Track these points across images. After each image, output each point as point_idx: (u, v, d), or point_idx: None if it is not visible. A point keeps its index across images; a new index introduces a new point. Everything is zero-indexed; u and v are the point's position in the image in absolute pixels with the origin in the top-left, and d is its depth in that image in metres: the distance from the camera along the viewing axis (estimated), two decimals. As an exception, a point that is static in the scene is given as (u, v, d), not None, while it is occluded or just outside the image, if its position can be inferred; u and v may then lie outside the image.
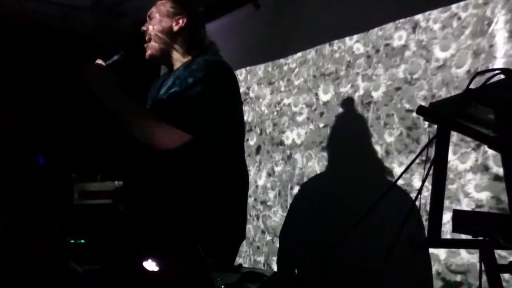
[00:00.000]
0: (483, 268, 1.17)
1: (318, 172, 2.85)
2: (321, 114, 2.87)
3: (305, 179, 2.91)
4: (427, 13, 2.41)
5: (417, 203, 1.28)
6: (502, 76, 1.18)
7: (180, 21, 2.03)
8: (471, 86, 1.20)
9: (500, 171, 2.03)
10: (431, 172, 1.23)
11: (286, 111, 3.11)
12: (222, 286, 1.29)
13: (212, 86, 1.87)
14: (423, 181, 1.26)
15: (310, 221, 2.79)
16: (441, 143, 1.23)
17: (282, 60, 3.19)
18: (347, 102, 2.73)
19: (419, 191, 1.26)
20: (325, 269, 2.51)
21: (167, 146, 1.84)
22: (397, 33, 2.54)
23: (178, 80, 1.90)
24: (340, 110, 2.77)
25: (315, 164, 2.86)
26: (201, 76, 1.86)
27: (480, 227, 1.15)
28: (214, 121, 1.87)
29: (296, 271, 2.77)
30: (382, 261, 1.27)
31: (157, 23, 2.03)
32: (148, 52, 2.05)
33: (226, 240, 1.92)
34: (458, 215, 1.20)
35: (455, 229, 1.20)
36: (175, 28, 2.03)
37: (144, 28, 2.07)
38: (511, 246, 1.13)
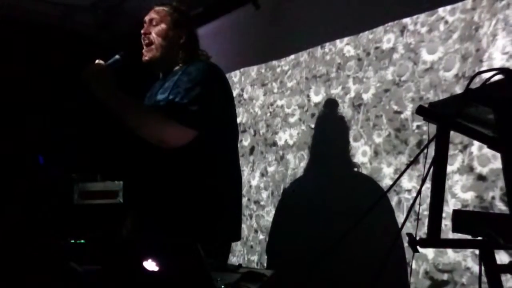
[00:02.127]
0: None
1: (310, 172, 2.79)
2: (313, 115, 2.82)
3: (297, 180, 2.85)
4: (415, 16, 2.36)
5: (416, 203, 1.22)
6: (501, 76, 1.13)
7: (184, 34, 2.02)
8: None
9: (483, 170, 2.02)
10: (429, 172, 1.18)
11: (279, 112, 3.05)
12: (222, 286, 1.23)
13: (211, 88, 1.87)
14: (423, 181, 1.20)
15: (302, 221, 2.74)
16: (441, 143, 1.18)
17: (275, 62, 3.14)
18: (338, 104, 2.68)
19: (419, 191, 1.21)
20: (324, 269, 2.46)
21: (175, 143, 1.80)
22: (386, 36, 2.48)
23: (178, 83, 1.88)
24: (331, 111, 2.71)
25: (307, 164, 2.80)
26: (201, 79, 1.86)
27: (480, 227, 1.09)
28: (214, 121, 1.83)
29: (290, 270, 2.71)
30: (380, 261, 1.22)
31: (162, 33, 2.01)
32: (148, 56, 2.00)
33: (219, 240, 1.88)
34: (458, 215, 1.14)
35: (455, 229, 1.14)
36: (181, 40, 2.01)
37: (144, 31, 2.01)
38: (511, 246, 1.08)
